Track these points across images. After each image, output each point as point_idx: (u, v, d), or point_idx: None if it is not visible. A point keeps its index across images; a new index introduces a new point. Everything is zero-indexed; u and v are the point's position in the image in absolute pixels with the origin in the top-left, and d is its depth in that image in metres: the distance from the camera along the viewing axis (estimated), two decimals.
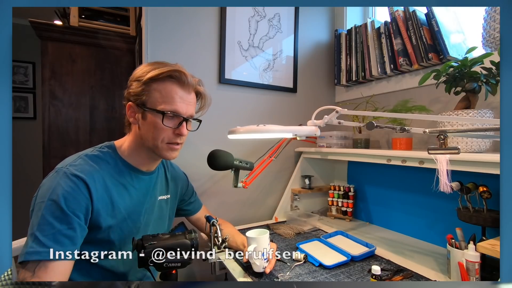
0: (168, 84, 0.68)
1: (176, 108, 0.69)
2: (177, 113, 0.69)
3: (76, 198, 0.61)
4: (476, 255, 0.70)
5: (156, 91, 0.68)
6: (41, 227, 0.57)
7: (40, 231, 0.56)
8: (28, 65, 2.59)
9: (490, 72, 0.80)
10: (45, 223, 0.57)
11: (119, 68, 1.71)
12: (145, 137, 0.71)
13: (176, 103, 0.68)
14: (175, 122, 0.70)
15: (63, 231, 0.58)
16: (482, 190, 0.78)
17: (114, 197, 0.68)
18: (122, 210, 0.70)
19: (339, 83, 1.51)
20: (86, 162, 0.67)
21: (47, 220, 0.57)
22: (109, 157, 0.72)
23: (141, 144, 0.73)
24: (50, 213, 0.58)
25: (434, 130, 0.62)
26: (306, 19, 1.53)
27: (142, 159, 0.75)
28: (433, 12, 1.07)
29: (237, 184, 0.98)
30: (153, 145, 0.71)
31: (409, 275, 0.80)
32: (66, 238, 0.58)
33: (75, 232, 0.59)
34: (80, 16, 1.62)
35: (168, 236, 0.65)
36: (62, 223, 0.58)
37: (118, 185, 0.71)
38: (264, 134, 0.74)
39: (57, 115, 1.57)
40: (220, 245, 0.74)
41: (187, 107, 0.71)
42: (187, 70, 0.73)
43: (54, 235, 0.57)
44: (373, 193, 1.32)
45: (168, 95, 0.68)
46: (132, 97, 0.70)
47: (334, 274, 0.82)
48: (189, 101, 0.72)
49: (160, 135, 0.69)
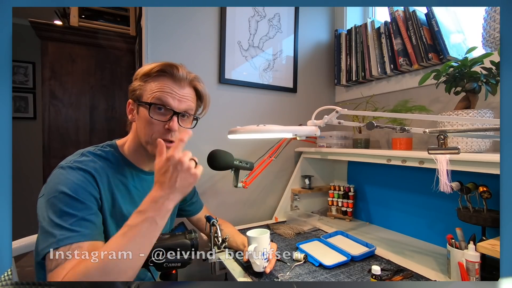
0: (161, 79, 0.69)
1: (166, 101, 0.67)
2: (166, 106, 0.67)
3: (87, 190, 0.61)
4: (476, 255, 0.70)
5: (149, 85, 0.69)
6: (62, 218, 0.56)
7: (63, 221, 0.56)
8: (28, 65, 2.60)
9: (490, 72, 0.80)
10: (64, 214, 0.56)
11: (119, 68, 1.71)
12: (139, 133, 0.71)
13: (166, 96, 0.67)
14: (166, 117, 0.68)
15: (86, 216, 0.58)
16: (482, 190, 0.78)
17: (116, 196, 0.68)
18: (124, 210, 0.70)
19: (339, 83, 1.51)
20: (90, 158, 0.67)
21: (65, 211, 0.57)
22: (111, 156, 0.72)
23: (139, 142, 0.72)
24: (66, 204, 0.58)
25: (434, 130, 0.62)
26: (306, 19, 1.53)
27: (143, 158, 0.75)
28: (433, 12, 1.07)
29: (237, 184, 0.97)
30: (145, 141, 0.69)
31: (409, 275, 0.80)
32: (89, 223, 0.59)
33: (96, 217, 0.61)
34: (80, 16, 1.62)
35: (168, 236, 0.65)
36: (81, 211, 0.58)
37: (119, 184, 0.70)
38: (264, 134, 0.74)
39: (57, 115, 1.57)
40: (220, 245, 0.74)
41: (179, 102, 0.69)
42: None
43: (78, 221, 0.57)
44: (373, 193, 1.32)
45: (159, 89, 0.68)
46: (130, 94, 0.71)
47: (334, 274, 0.82)
48: (182, 95, 0.70)
49: (150, 130, 0.68)
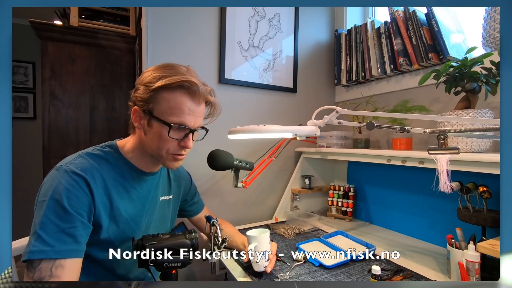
0: (178, 95, 0.65)
1: (184, 121, 0.66)
2: (184, 126, 0.66)
3: (78, 196, 0.61)
4: (476, 255, 0.70)
5: (164, 100, 0.65)
6: (43, 226, 0.56)
7: (43, 230, 0.56)
8: (28, 65, 2.59)
9: (490, 72, 0.80)
10: (47, 222, 0.57)
11: (119, 68, 1.71)
12: (149, 145, 0.69)
13: (184, 115, 0.66)
14: (181, 134, 0.68)
15: (66, 229, 0.58)
16: (482, 190, 0.78)
17: (113, 198, 0.68)
18: (122, 211, 0.69)
19: (339, 83, 1.51)
20: (87, 161, 0.66)
21: (50, 218, 0.57)
22: (111, 157, 0.71)
23: (144, 149, 0.72)
24: (53, 211, 0.58)
25: (434, 130, 0.62)
26: (306, 19, 1.53)
27: (145, 162, 0.74)
28: (433, 12, 1.07)
29: (237, 184, 0.98)
30: (157, 154, 0.69)
31: (409, 275, 0.80)
32: (69, 237, 0.58)
33: (77, 230, 0.59)
34: (80, 16, 1.62)
35: (168, 236, 0.65)
36: (64, 221, 0.58)
37: (118, 186, 0.70)
38: (264, 134, 0.74)
39: (57, 115, 1.57)
40: (220, 245, 0.74)
41: (195, 119, 0.68)
42: None
43: (57, 234, 0.57)
44: (373, 193, 1.32)
45: (177, 106, 0.65)
46: (139, 102, 0.67)
47: (334, 274, 0.82)
48: (198, 113, 0.69)
49: (165, 146, 0.68)
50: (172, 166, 0.72)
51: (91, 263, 0.66)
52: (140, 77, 0.69)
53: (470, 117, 0.79)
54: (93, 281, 0.69)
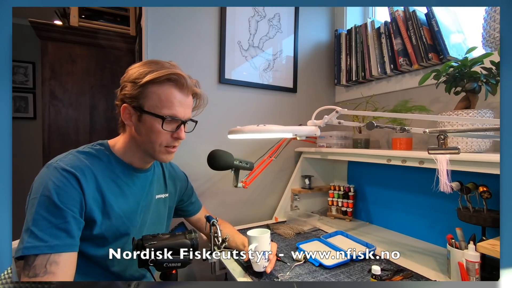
0: (167, 87, 0.67)
1: (175, 113, 0.68)
2: (176, 117, 0.68)
3: (68, 192, 0.61)
4: (476, 255, 0.70)
5: (154, 94, 0.67)
6: (36, 222, 0.57)
7: (36, 226, 0.56)
8: (28, 65, 2.59)
9: (490, 72, 0.80)
10: (40, 218, 0.57)
11: (119, 68, 1.71)
12: (142, 140, 0.70)
13: (175, 107, 0.68)
14: (173, 126, 0.70)
15: (59, 225, 0.58)
16: (482, 190, 0.78)
17: (106, 194, 0.68)
18: (115, 207, 0.69)
19: (339, 83, 1.51)
20: (77, 158, 0.67)
21: (42, 215, 0.57)
22: (102, 155, 0.71)
23: (136, 145, 0.72)
24: (44, 208, 0.58)
25: (434, 130, 0.62)
26: (306, 19, 1.53)
27: (137, 158, 0.75)
28: (433, 12, 1.07)
29: (237, 184, 0.98)
30: (151, 148, 0.70)
31: (409, 275, 0.80)
32: (62, 232, 0.58)
33: (70, 225, 0.60)
34: (80, 16, 1.62)
35: (168, 236, 0.64)
36: (56, 217, 0.58)
37: (110, 182, 0.70)
38: (264, 134, 0.74)
39: (57, 115, 1.57)
40: (220, 245, 0.74)
41: (185, 111, 0.71)
42: (188, 71, 0.72)
43: (50, 229, 0.57)
44: (373, 193, 1.32)
45: (167, 99, 0.67)
46: (128, 100, 0.68)
47: (334, 274, 0.82)
48: (187, 105, 0.72)
49: (158, 139, 0.69)
50: (165, 159, 0.74)
51: (85, 260, 0.66)
52: (125, 75, 0.70)
53: (470, 117, 0.79)
54: (93, 281, 0.69)
